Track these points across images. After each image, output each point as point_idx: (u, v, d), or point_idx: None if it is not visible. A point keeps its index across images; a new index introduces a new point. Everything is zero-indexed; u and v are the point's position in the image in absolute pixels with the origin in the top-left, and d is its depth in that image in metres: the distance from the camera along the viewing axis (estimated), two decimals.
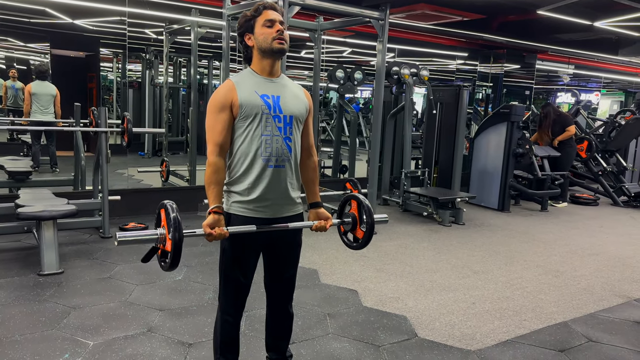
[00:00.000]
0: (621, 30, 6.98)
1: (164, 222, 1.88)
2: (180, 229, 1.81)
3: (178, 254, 1.82)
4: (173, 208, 1.85)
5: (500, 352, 2.89)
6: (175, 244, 1.80)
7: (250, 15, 2.05)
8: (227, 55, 5.36)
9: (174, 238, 1.80)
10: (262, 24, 2.02)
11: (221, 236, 1.94)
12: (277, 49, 2.02)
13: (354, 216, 2.25)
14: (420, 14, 6.03)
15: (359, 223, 2.24)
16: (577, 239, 5.58)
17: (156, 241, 1.89)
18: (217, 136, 1.99)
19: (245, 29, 2.05)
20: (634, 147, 8.88)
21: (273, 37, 2.01)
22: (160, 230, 1.88)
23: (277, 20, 2.03)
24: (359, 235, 2.25)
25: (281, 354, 2.36)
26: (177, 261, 1.83)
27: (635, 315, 3.54)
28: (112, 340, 2.77)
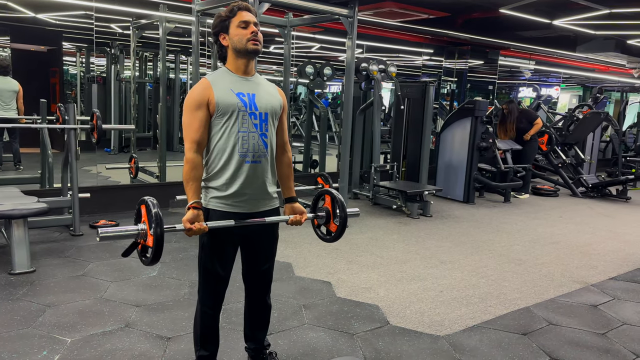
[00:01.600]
0: (578, 29, 7.27)
1: (145, 218, 1.92)
2: (161, 224, 1.87)
3: (160, 249, 1.88)
4: (154, 204, 1.90)
5: (468, 336, 3.05)
6: (157, 239, 1.85)
7: (225, 15, 2.10)
8: (197, 50, 5.35)
9: (156, 233, 1.85)
10: (236, 25, 2.08)
11: (200, 231, 1.99)
12: (251, 50, 2.09)
13: (328, 210, 2.34)
14: (387, 12, 6.15)
15: (332, 217, 2.33)
16: (538, 229, 5.83)
17: (137, 236, 1.94)
18: (194, 134, 2.05)
19: (220, 29, 2.11)
20: (591, 140, 9.26)
21: (247, 39, 2.07)
22: (141, 226, 1.93)
23: (251, 21, 2.09)
24: (332, 229, 2.34)
25: (259, 343, 2.44)
26: (158, 256, 1.89)
27: (591, 299, 3.76)
28: (89, 336, 2.79)
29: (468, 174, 7.05)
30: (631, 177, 8.08)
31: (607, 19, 6.42)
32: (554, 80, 13.98)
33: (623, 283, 4.15)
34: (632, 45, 8.41)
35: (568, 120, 8.84)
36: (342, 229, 2.29)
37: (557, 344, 3.01)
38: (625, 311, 3.56)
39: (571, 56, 9.75)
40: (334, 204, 2.31)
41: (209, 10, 5.14)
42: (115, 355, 2.61)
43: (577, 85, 16.06)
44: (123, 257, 2.00)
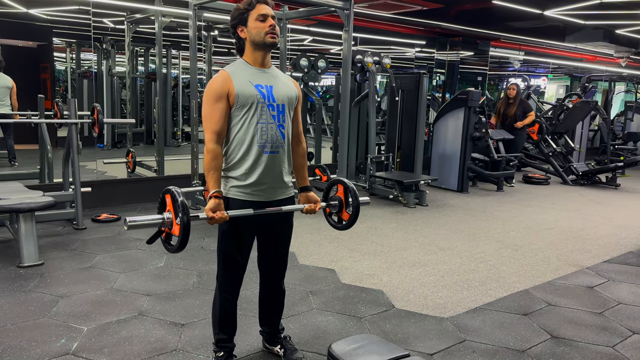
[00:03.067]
0: (568, 18, 7.40)
1: (170, 207, 1.98)
2: (188, 213, 1.92)
3: (186, 237, 1.93)
4: (179, 193, 1.95)
5: (471, 318, 3.15)
6: (183, 228, 1.91)
7: (244, 8, 2.15)
8: (194, 44, 5.39)
9: (183, 222, 1.90)
10: (255, 18, 2.12)
11: (222, 219, 2.06)
12: (269, 43, 2.15)
13: (340, 199, 2.40)
14: (382, 4, 6.23)
15: (345, 206, 2.39)
16: (532, 216, 5.97)
17: (162, 225, 1.99)
18: (214, 125, 2.11)
19: (238, 21, 2.16)
20: (580, 128, 9.44)
21: (266, 32, 2.12)
22: (167, 215, 1.98)
23: (269, 14, 2.14)
24: (345, 217, 2.41)
25: (274, 327, 2.52)
26: (184, 243, 1.94)
27: (587, 281, 3.89)
28: (105, 324, 2.85)
29: (462, 163, 7.16)
30: (620, 165, 8.26)
31: (597, 9, 6.55)
32: (542, 71, 14.16)
33: (617, 265, 4.29)
34: (620, 35, 8.56)
35: (558, 109, 8.99)
36: (354, 217, 2.35)
37: (557, 323, 3.13)
38: (620, 291, 3.70)
39: (560, 46, 9.90)
40: (347, 192, 2.37)
41: (206, 3, 5.18)
42: (133, 341, 2.68)
43: (564, 76, 16.25)
44: (148, 244, 2.06)
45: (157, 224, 1.99)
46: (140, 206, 5.63)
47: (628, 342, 2.92)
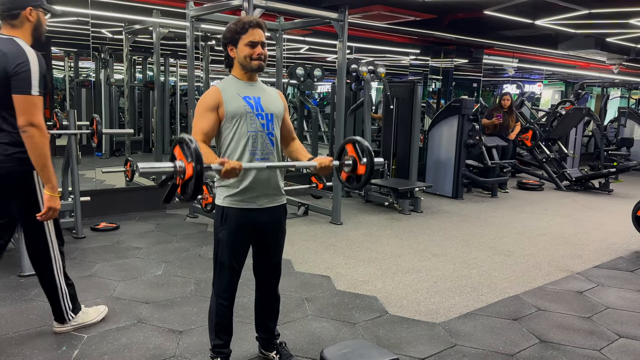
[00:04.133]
0: (559, 28, 7.52)
1: (181, 156, 1.92)
2: (202, 160, 1.86)
3: (200, 184, 1.88)
4: (192, 140, 1.90)
5: (462, 323, 3.23)
6: (197, 174, 1.86)
7: (236, 30, 2.24)
8: (192, 54, 5.49)
9: (196, 170, 1.85)
10: (245, 43, 2.23)
11: (234, 170, 2.00)
12: (255, 68, 2.28)
13: (353, 158, 2.31)
14: (376, 15, 6.33)
15: (359, 163, 2.30)
16: (525, 222, 6.06)
17: (174, 173, 1.93)
18: (204, 128, 2.19)
19: (229, 41, 2.27)
20: (573, 134, 9.54)
21: (252, 58, 2.25)
22: (179, 163, 1.91)
23: (259, 41, 2.24)
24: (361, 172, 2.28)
25: (270, 333, 2.60)
26: (198, 191, 1.90)
27: (577, 286, 3.98)
28: (105, 332, 2.92)
29: (456, 170, 7.26)
30: (613, 171, 8.36)
31: (586, 19, 6.67)
32: (537, 77, 14.30)
33: (606, 270, 4.37)
34: (611, 43, 8.69)
35: (551, 116, 9.10)
36: (369, 174, 2.26)
37: (546, 327, 3.21)
38: (609, 296, 3.78)
39: (553, 54, 10.03)
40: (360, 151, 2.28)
41: (203, 16, 5.28)
42: (132, 348, 2.75)
43: (559, 81, 16.41)
44: (164, 203, 1.98)
45: (169, 171, 1.93)
46: (138, 215, 5.71)
47: (614, 345, 3.00)
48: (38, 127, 2.40)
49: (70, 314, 2.89)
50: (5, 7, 2.47)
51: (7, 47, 2.41)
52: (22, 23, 2.49)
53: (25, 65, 2.37)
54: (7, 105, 2.41)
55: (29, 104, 2.38)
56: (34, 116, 2.39)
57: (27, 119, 2.39)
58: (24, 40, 2.47)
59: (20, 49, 2.41)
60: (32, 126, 2.39)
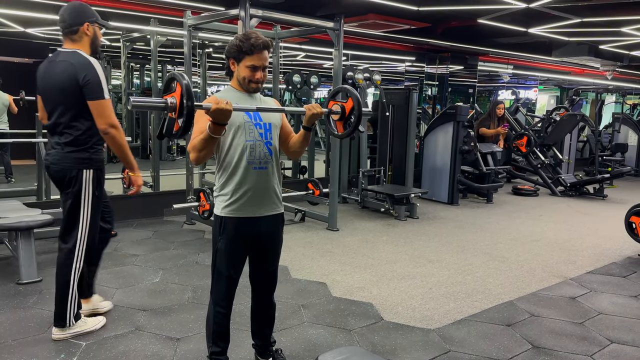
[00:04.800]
0: (552, 36, 7.61)
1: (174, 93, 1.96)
2: (192, 98, 1.91)
3: (190, 121, 1.93)
4: (184, 76, 1.94)
5: (456, 329, 3.28)
6: (188, 112, 1.90)
7: (241, 49, 2.24)
8: (189, 62, 5.53)
9: (187, 106, 1.90)
10: (247, 65, 2.26)
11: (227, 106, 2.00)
12: (251, 90, 2.34)
13: (343, 107, 2.39)
14: (371, 23, 6.40)
15: (347, 113, 2.38)
16: (519, 227, 6.11)
17: (165, 108, 1.97)
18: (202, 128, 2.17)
19: (232, 55, 2.29)
20: (568, 140, 9.63)
21: (250, 80, 2.29)
22: (170, 99, 1.95)
23: (260, 67, 2.28)
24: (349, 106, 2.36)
25: (266, 340, 2.64)
26: (188, 128, 1.94)
27: (570, 292, 4.03)
28: (103, 339, 2.96)
29: (452, 176, 7.32)
30: (607, 176, 8.44)
31: (579, 27, 6.75)
32: (532, 83, 14.40)
33: (599, 276, 4.43)
34: (605, 50, 8.78)
35: (546, 122, 9.18)
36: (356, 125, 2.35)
37: (539, 333, 3.25)
38: (601, 302, 3.83)
39: (547, 60, 10.12)
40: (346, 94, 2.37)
41: (201, 25, 5.34)
42: (129, 356, 2.78)
43: (554, 87, 16.53)
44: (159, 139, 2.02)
45: (161, 106, 1.97)
46: (136, 222, 5.74)
47: (606, 351, 3.05)
48: (116, 127, 2.80)
49: (72, 319, 2.94)
50: (67, 24, 2.81)
51: (73, 59, 2.73)
52: (81, 37, 2.83)
53: (93, 74, 2.71)
54: (74, 110, 2.77)
55: (103, 107, 2.74)
56: (110, 118, 2.78)
57: (105, 121, 2.76)
58: (84, 52, 2.79)
59: (85, 59, 2.74)
60: (112, 127, 2.78)
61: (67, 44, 2.84)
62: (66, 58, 2.75)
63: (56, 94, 2.77)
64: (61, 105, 2.77)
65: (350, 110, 2.36)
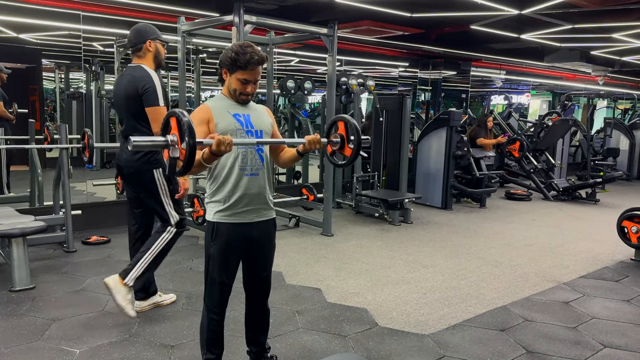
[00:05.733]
0: (544, 42, 7.68)
1: (175, 130, 1.95)
2: (194, 135, 1.88)
3: (192, 159, 1.90)
4: (184, 114, 1.92)
5: (451, 334, 3.29)
6: (189, 151, 1.88)
7: (236, 62, 2.25)
8: (183, 67, 5.55)
9: (189, 145, 1.87)
10: (239, 77, 2.28)
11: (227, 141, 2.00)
12: (240, 102, 2.36)
13: (342, 135, 2.37)
14: (365, 29, 6.44)
15: (346, 142, 2.36)
16: (513, 232, 6.14)
17: (166, 147, 1.96)
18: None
19: (225, 65, 2.30)
20: (561, 145, 9.69)
21: (240, 93, 2.32)
22: (171, 137, 1.94)
23: (252, 81, 2.30)
24: (347, 154, 2.37)
25: (261, 346, 2.64)
26: (190, 166, 1.92)
27: (563, 296, 4.05)
28: (97, 347, 2.94)
29: (445, 181, 7.35)
30: (599, 181, 8.49)
31: (571, 33, 6.82)
32: (525, 88, 14.50)
33: (592, 281, 4.45)
34: (596, 56, 8.87)
35: (538, 127, 9.24)
36: (356, 152, 2.33)
37: (532, 338, 3.27)
38: (594, 306, 3.85)
39: (539, 65, 10.20)
40: (348, 128, 2.35)
41: (195, 31, 5.34)
42: None
43: (547, 92, 16.65)
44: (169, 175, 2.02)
45: (161, 145, 1.97)
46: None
47: (599, 355, 3.07)
48: None
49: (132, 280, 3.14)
50: (132, 43, 3.22)
51: (136, 72, 3.13)
52: (145, 53, 3.22)
53: (150, 85, 3.07)
54: (138, 116, 3.13)
55: (158, 113, 3.07)
56: None
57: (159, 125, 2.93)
58: (148, 66, 3.18)
59: (145, 72, 3.12)
60: None
61: (134, 60, 3.23)
62: (131, 72, 3.15)
63: (122, 102, 3.17)
64: (127, 112, 3.17)
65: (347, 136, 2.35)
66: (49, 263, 4.43)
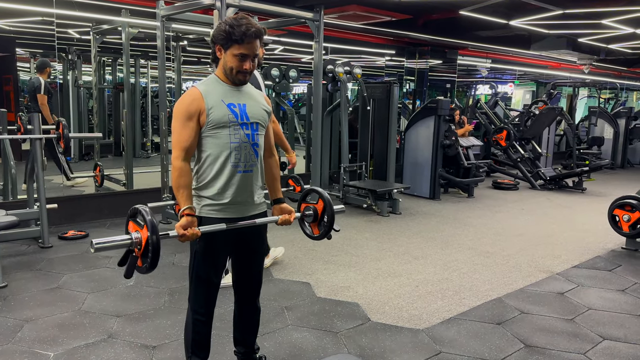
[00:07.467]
0: (533, 28, 7.58)
1: (136, 227, 1.91)
2: (157, 232, 1.85)
3: (156, 257, 1.86)
4: (147, 212, 1.88)
5: (446, 329, 3.16)
6: (153, 248, 1.84)
7: (231, 37, 2.02)
8: (163, 55, 5.31)
9: (152, 241, 1.84)
10: (235, 54, 2.04)
11: (194, 236, 2.00)
12: (237, 82, 2.13)
13: (315, 209, 2.35)
14: (351, 15, 6.26)
15: (320, 215, 2.35)
16: (502, 222, 6.06)
17: (131, 245, 1.90)
18: (184, 142, 2.05)
19: (219, 40, 2.06)
20: (546, 134, 9.65)
21: (238, 71, 2.07)
22: (135, 235, 1.90)
23: (250, 55, 2.05)
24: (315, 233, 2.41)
25: (249, 347, 2.47)
26: (155, 264, 1.87)
27: (557, 287, 3.96)
28: (72, 349, 2.76)
29: (433, 171, 7.24)
30: (586, 169, 8.47)
31: (560, 19, 6.73)
32: (509, 77, 14.47)
33: (585, 270, 4.38)
34: (583, 43, 8.82)
35: (525, 116, 9.17)
36: (329, 226, 2.32)
37: (530, 331, 3.16)
38: (590, 297, 3.77)
39: (526, 54, 10.13)
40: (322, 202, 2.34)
41: (174, 15, 5.11)
42: None
43: (530, 81, 16.67)
44: (120, 266, 1.96)
45: (126, 244, 1.90)
46: (109, 222, 5.50)
47: (599, 348, 2.97)
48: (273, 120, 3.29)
49: None
50: None
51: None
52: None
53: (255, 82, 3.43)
54: None
55: None
56: None
57: None
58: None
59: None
60: None
61: None
62: None
63: None
64: None
65: (322, 211, 2.35)
66: (23, 259, 4.20)
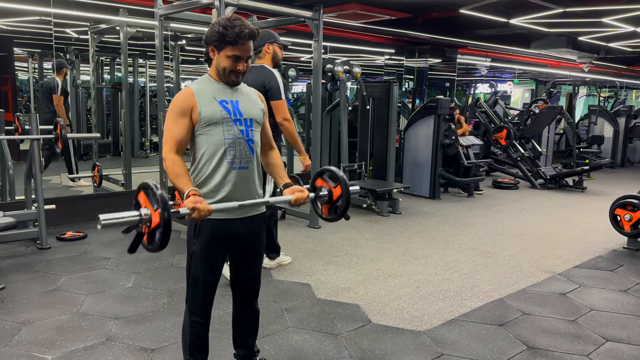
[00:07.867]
0: (533, 27, 7.55)
1: (147, 203, 1.81)
2: (168, 208, 1.76)
3: (168, 233, 1.77)
4: (157, 186, 1.79)
5: (447, 330, 3.14)
6: (164, 223, 1.76)
7: (224, 38, 2.01)
8: (161, 54, 5.27)
9: (163, 217, 1.75)
10: (229, 55, 2.03)
11: (206, 210, 1.89)
12: (231, 83, 2.11)
13: (330, 191, 2.21)
14: (351, 14, 6.23)
15: (334, 200, 2.21)
16: (502, 221, 6.03)
17: (140, 222, 1.81)
18: (175, 137, 2.03)
19: (212, 41, 2.05)
20: (546, 133, 9.62)
21: (231, 71, 2.07)
22: (144, 211, 1.80)
23: (243, 57, 2.05)
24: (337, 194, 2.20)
25: (249, 349, 2.44)
26: (166, 241, 1.79)
27: (559, 287, 3.93)
28: (71, 352, 2.72)
29: (433, 170, 7.20)
30: (586, 168, 8.44)
31: (561, 17, 6.70)
32: (508, 76, 14.45)
33: (587, 270, 4.35)
34: (583, 42, 8.79)
35: (525, 115, 9.14)
36: (345, 207, 2.18)
37: (532, 332, 3.14)
38: (592, 298, 3.74)
39: (525, 53, 10.10)
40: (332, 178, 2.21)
41: (173, 14, 5.08)
42: None
43: (530, 80, 16.65)
44: (130, 253, 1.86)
45: (134, 221, 1.81)
46: None
47: (602, 349, 2.95)
48: (289, 120, 3.72)
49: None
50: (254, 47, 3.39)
51: (261, 70, 3.71)
52: (264, 55, 3.82)
53: (275, 81, 3.65)
54: None
55: (281, 106, 3.66)
56: (285, 114, 3.69)
57: (282, 116, 3.68)
58: (268, 65, 3.78)
59: (269, 70, 3.73)
60: (286, 120, 3.70)
61: (257, 60, 3.81)
62: (256, 70, 3.66)
63: None
64: None
65: (338, 197, 2.20)
66: (21, 261, 4.17)
